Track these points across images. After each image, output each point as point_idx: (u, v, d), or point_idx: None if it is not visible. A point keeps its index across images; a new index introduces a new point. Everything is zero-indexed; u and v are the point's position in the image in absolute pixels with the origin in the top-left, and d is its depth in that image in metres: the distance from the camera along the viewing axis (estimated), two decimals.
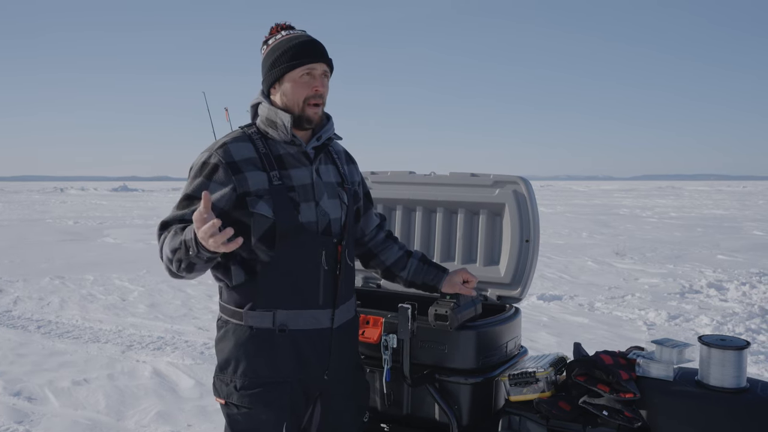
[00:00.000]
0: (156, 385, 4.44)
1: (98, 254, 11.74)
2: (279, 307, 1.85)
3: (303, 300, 1.88)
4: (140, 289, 8.04)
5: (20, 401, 4.18)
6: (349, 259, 1.99)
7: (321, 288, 1.89)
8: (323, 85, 1.91)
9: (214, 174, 1.82)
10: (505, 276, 2.61)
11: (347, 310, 2.01)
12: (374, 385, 2.34)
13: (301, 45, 1.88)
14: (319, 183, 1.93)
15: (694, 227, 17.64)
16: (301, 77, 1.88)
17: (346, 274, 1.97)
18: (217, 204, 1.79)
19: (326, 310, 1.91)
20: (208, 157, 1.85)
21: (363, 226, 2.22)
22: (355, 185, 2.11)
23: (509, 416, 2.14)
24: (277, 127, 1.88)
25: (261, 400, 1.85)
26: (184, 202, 1.83)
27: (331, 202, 1.95)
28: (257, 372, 1.86)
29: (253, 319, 1.86)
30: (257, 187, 1.82)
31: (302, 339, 1.89)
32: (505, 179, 2.62)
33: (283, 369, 1.87)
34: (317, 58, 1.89)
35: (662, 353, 2.03)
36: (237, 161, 1.83)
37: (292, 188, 1.86)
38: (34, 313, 6.84)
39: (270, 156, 1.87)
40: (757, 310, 6.71)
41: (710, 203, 32.72)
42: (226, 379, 1.89)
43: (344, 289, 1.97)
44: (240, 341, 1.87)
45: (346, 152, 2.17)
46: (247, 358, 1.86)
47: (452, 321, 2.12)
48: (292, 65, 1.87)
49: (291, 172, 1.88)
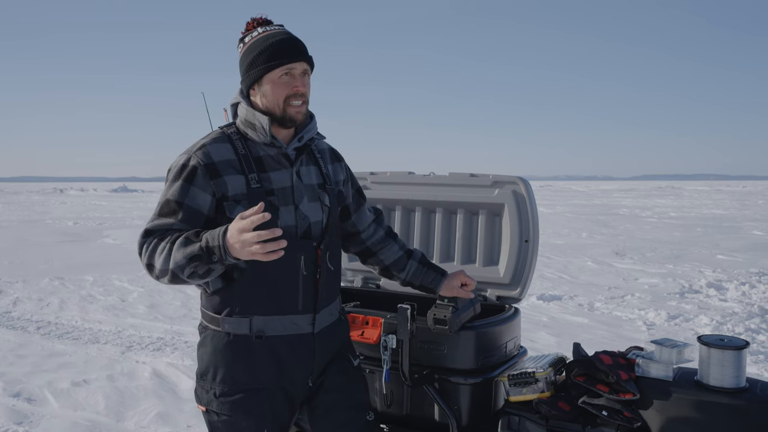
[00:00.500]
0: (156, 386, 4.44)
1: (98, 255, 11.74)
2: (255, 313, 1.82)
3: (281, 305, 1.84)
4: (140, 289, 8.04)
5: (20, 402, 4.18)
6: (331, 262, 1.93)
7: (300, 293, 1.86)
8: (303, 84, 1.85)
9: (194, 177, 1.78)
10: (504, 276, 2.61)
11: (330, 313, 1.96)
12: (374, 386, 2.33)
13: (279, 44, 1.82)
14: (299, 186, 1.89)
15: (693, 227, 17.65)
16: (280, 78, 1.82)
17: (328, 278, 1.92)
18: (200, 210, 1.77)
19: (306, 315, 1.88)
20: (187, 160, 1.80)
21: (357, 223, 2.17)
22: (340, 185, 2.06)
23: (509, 416, 2.14)
24: (256, 129, 1.85)
25: (240, 407, 1.83)
26: (166, 208, 1.79)
27: (311, 205, 1.90)
28: (235, 379, 1.83)
29: (230, 325, 1.83)
30: (235, 192, 1.79)
31: (281, 345, 1.85)
32: (504, 179, 2.62)
33: (262, 376, 1.84)
34: (296, 57, 1.83)
35: (662, 353, 2.03)
36: (216, 162, 1.80)
37: (272, 192, 1.83)
38: (33, 314, 6.84)
39: (249, 158, 1.83)
40: (756, 310, 6.71)
41: (710, 203, 32.73)
42: (206, 386, 1.87)
43: (326, 294, 1.92)
44: (218, 348, 1.85)
45: (332, 150, 2.11)
46: (225, 365, 1.83)
47: (451, 325, 2.12)
48: (270, 66, 1.81)
49: (271, 175, 1.84)
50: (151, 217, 1.82)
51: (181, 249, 1.67)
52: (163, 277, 1.73)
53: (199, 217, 1.79)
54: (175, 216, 1.77)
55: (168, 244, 1.71)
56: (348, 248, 2.25)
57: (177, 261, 1.67)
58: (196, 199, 1.78)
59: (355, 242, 2.21)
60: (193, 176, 1.78)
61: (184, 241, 1.68)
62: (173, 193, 1.79)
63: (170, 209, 1.78)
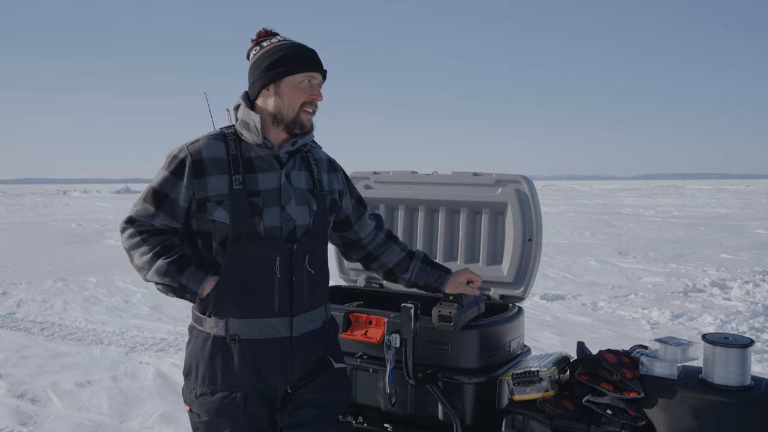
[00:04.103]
0: (159, 387, 4.44)
1: (101, 256, 11.75)
2: (230, 315, 1.84)
3: (256, 308, 1.84)
4: (143, 290, 8.05)
5: (24, 403, 4.19)
6: (310, 266, 1.91)
7: (276, 295, 1.85)
8: (320, 95, 1.92)
9: (182, 172, 1.84)
10: (507, 275, 2.61)
11: (311, 320, 1.93)
12: (377, 385, 2.33)
13: (305, 52, 1.89)
14: (287, 188, 1.89)
15: (697, 226, 17.61)
16: (300, 82, 1.88)
17: (308, 283, 1.90)
18: (182, 205, 1.85)
19: (283, 318, 1.86)
20: (179, 152, 1.87)
21: (358, 231, 2.18)
22: (333, 194, 2.05)
23: (513, 415, 2.14)
24: (249, 129, 1.88)
25: (218, 409, 1.83)
26: (151, 196, 1.86)
27: (299, 208, 1.91)
28: (214, 380, 1.85)
29: (210, 326, 1.86)
30: (215, 192, 1.82)
31: (257, 349, 1.84)
32: (507, 178, 2.61)
33: (238, 379, 1.84)
34: (319, 68, 1.91)
35: (666, 352, 2.03)
36: (204, 158, 1.84)
37: (256, 193, 1.85)
38: (37, 315, 6.85)
39: (239, 158, 1.86)
40: (760, 309, 6.69)
41: (713, 202, 32.66)
42: (190, 385, 1.89)
43: (306, 297, 1.90)
44: (199, 348, 1.88)
45: (330, 160, 2.11)
46: (205, 366, 1.86)
47: (456, 322, 2.12)
48: (295, 69, 1.86)
49: (258, 176, 1.86)
50: (136, 201, 1.90)
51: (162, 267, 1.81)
52: (139, 273, 1.89)
53: (180, 211, 1.86)
54: (159, 206, 1.85)
55: (152, 252, 1.84)
56: (350, 256, 2.25)
57: (152, 276, 1.82)
58: (180, 195, 1.84)
59: (357, 249, 2.21)
60: (181, 170, 1.84)
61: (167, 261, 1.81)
62: (160, 182, 1.86)
63: (155, 198, 1.86)
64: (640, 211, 25.46)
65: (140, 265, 1.85)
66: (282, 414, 1.91)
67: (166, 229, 1.89)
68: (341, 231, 2.16)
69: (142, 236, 1.86)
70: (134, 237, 1.86)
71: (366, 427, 2.39)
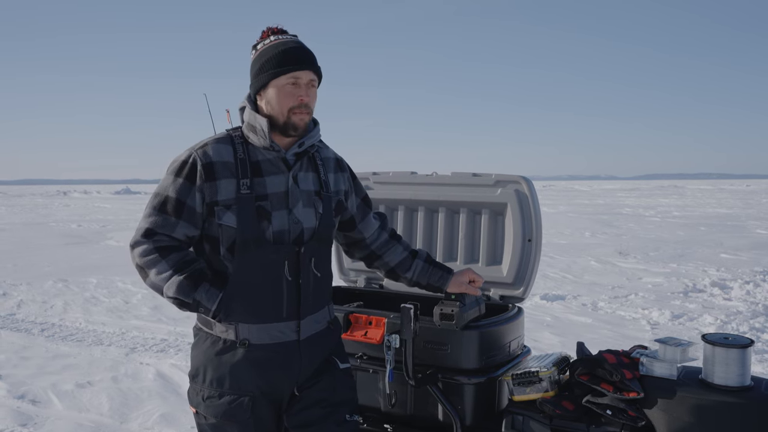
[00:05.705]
0: (160, 388, 4.44)
1: (101, 257, 11.76)
2: (240, 320, 1.83)
3: (266, 313, 1.84)
4: (143, 291, 8.04)
5: (24, 404, 4.19)
6: (317, 268, 1.91)
7: (285, 300, 1.85)
8: (308, 95, 1.86)
9: (192, 176, 1.81)
10: (507, 276, 2.61)
11: (316, 321, 1.94)
12: (377, 386, 2.33)
13: (288, 52, 1.84)
14: (294, 190, 1.89)
15: (697, 226, 17.60)
16: (285, 85, 1.83)
17: (314, 285, 1.91)
18: (198, 210, 1.82)
19: (290, 322, 1.87)
20: (188, 156, 1.83)
21: (362, 231, 2.17)
22: (340, 194, 2.05)
23: (512, 416, 2.14)
24: (256, 132, 1.86)
25: (225, 412, 1.83)
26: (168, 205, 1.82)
27: (306, 210, 1.90)
28: (222, 383, 1.84)
29: (220, 330, 1.86)
30: (225, 197, 1.81)
31: (266, 354, 1.85)
32: (507, 179, 2.61)
33: (246, 383, 1.84)
34: (303, 66, 1.85)
35: (666, 352, 2.03)
36: (214, 162, 1.82)
37: (264, 197, 1.84)
38: (37, 316, 6.85)
39: (246, 162, 1.85)
40: (761, 309, 6.69)
41: (713, 202, 32.65)
42: (196, 387, 1.89)
43: (311, 300, 1.91)
44: (207, 351, 1.87)
45: (337, 159, 2.10)
46: (213, 369, 1.85)
47: (458, 320, 2.12)
48: (277, 72, 1.83)
49: (266, 180, 1.86)
50: (148, 211, 1.84)
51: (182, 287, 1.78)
52: (152, 289, 1.84)
53: (199, 218, 1.83)
54: (179, 215, 1.81)
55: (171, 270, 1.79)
56: (353, 254, 2.25)
57: (167, 290, 1.79)
58: (196, 201, 1.82)
59: (360, 247, 2.21)
60: (193, 175, 1.81)
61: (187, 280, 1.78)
62: (175, 189, 1.82)
63: (172, 207, 1.81)
64: (640, 211, 25.45)
65: (156, 282, 1.80)
66: (289, 415, 1.91)
67: (182, 242, 1.85)
68: (345, 230, 2.16)
69: (160, 252, 1.81)
70: (151, 254, 1.81)
71: (366, 427, 2.39)
